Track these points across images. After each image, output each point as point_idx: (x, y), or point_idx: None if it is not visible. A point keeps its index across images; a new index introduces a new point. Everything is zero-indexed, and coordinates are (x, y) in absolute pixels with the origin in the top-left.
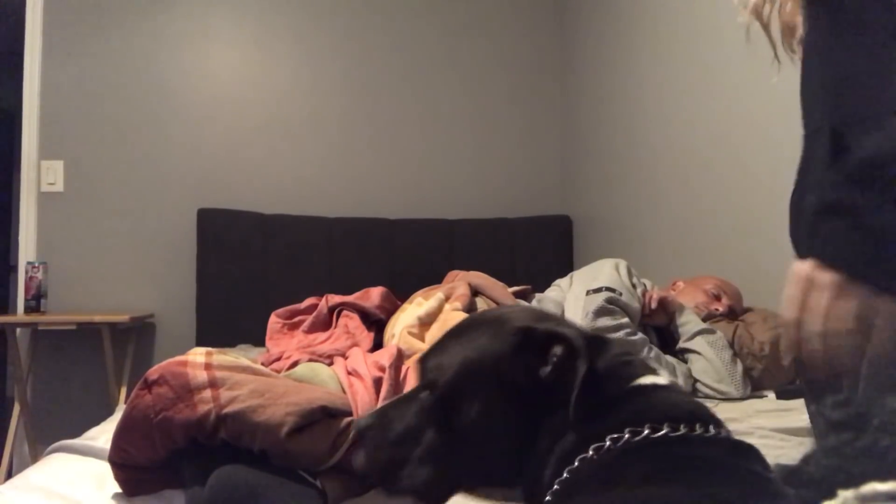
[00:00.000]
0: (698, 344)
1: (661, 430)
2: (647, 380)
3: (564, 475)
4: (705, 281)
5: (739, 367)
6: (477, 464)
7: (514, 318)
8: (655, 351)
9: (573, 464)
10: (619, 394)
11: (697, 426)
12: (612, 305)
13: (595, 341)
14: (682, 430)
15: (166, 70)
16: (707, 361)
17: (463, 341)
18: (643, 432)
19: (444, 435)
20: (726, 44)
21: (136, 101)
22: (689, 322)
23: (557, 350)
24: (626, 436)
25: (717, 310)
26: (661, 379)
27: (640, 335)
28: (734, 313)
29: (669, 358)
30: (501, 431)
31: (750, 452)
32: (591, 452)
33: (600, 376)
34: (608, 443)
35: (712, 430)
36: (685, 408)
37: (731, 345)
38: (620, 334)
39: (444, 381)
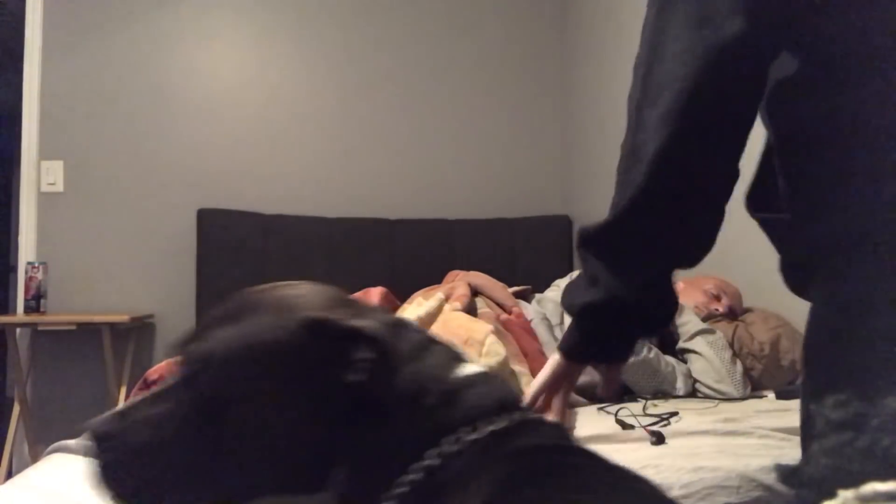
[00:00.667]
0: (698, 344)
1: (493, 423)
2: (462, 370)
3: (396, 490)
4: (705, 281)
5: (739, 367)
6: (253, 479)
7: (303, 304)
8: (655, 351)
9: (407, 475)
10: (439, 390)
11: (516, 413)
12: None
13: (399, 330)
14: (506, 420)
15: (166, 70)
16: (707, 361)
17: (237, 326)
18: (477, 429)
19: (207, 444)
20: None
21: (136, 101)
22: (688, 322)
23: (364, 354)
24: (461, 436)
25: (717, 310)
26: (473, 366)
27: None
28: (734, 313)
29: (669, 358)
30: (284, 441)
31: (562, 430)
32: (426, 461)
33: (415, 375)
34: (444, 447)
35: (528, 414)
36: (502, 395)
37: (731, 345)
38: None
39: (207, 375)
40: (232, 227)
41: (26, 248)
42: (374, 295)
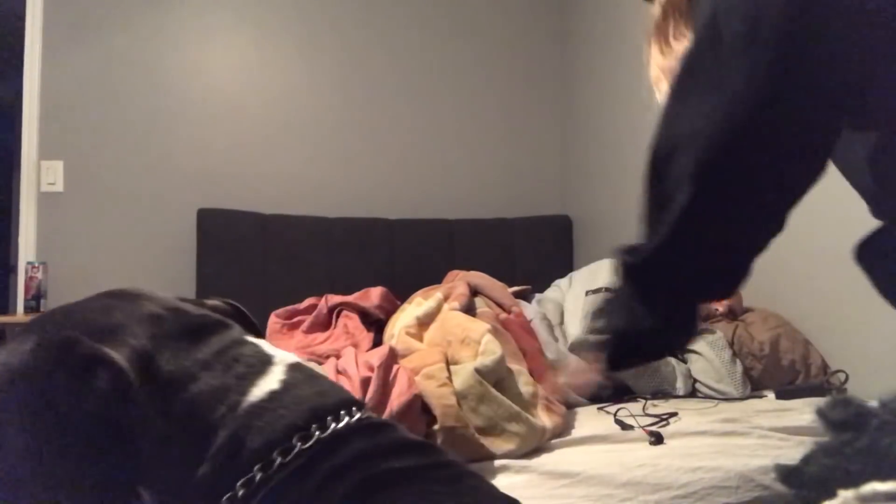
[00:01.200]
0: (698, 344)
1: (290, 453)
2: (260, 387)
3: None
4: None
5: (739, 367)
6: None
7: (67, 322)
8: None
9: None
10: (223, 424)
11: (329, 420)
12: None
13: (179, 347)
14: (313, 438)
15: (166, 70)
16: (707, 361)
17: (10, 348)
18: (272, 464)
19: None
20: None
21: (136, 100)
22: None
23: (101, 380)
24: (254, 476)
25: (717, 310)
26: (274, 377)
27: None
28: (734, 313)
29: (669, 358)
30: (62, 468)
31: (386, 428)
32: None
33: (188, 406)
34: (239, 491)
35: (343, 418)
36: (307, 408)
37: (731, 345)
38: None
39: None
40: (232, 226)
41: (26, 248)
42: (373, 295)
